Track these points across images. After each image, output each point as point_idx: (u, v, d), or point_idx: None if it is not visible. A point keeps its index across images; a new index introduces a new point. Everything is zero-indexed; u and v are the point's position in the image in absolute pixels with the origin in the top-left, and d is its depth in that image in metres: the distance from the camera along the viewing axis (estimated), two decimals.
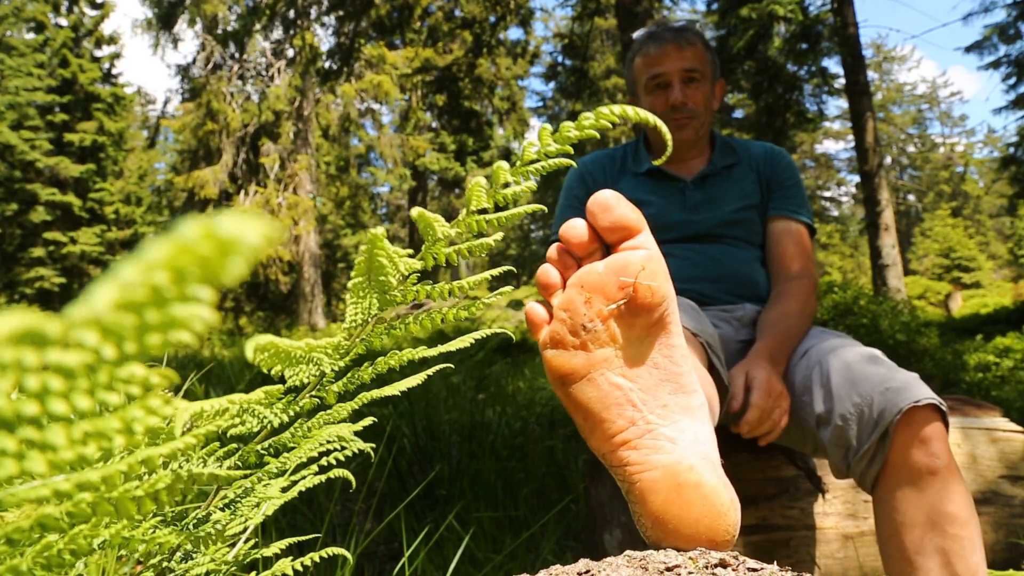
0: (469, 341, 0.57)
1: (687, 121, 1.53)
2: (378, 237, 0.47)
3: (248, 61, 17.15)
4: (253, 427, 0.53)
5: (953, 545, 0.94)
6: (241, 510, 0.55)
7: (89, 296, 0.18)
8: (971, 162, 37.51)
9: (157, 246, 0.17)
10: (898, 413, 0.97)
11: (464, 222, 0.51)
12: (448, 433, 2.37)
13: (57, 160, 19.71)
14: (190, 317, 0.18)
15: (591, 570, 0.55)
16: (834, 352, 1.14)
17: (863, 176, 8.63)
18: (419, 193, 20.63)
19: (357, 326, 0.54)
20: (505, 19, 8.80)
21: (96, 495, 0.28)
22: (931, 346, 4.85)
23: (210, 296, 0.18)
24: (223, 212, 0.18)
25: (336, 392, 0.56)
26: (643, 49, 1.56)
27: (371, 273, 0.50)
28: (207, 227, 0.17)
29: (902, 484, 0.98)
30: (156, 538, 0.45)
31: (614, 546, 1.33)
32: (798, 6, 9.41)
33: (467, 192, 0.51)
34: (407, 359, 0.55)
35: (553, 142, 0.50)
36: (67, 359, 0.19)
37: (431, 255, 0.52)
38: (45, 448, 0.22)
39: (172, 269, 0.17)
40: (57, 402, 0.20)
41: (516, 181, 0.51)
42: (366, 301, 0.52)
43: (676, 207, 1.52)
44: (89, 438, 0.23)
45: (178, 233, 0.17)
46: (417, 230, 9.03)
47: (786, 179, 1.55)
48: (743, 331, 1.40)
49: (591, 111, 0.49)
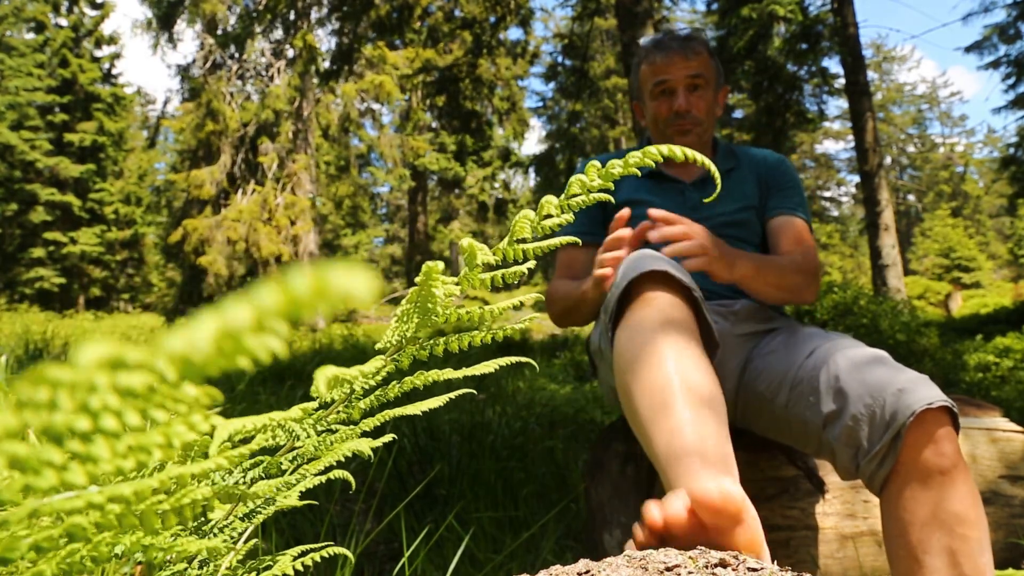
0: (494, 367, 0.58)
1: (690, 127, 1.57)
2: (434, 270, 0.48)
3: (248, 61, 17.15)
4: (282, 441, 0.54)
5: (961, 545, 0.94)
6: (257, 518, 0.56)
7: (189, 327, 0.18)
8: (971, 162, 37.53)
9: (270, 290, 0.17)
10: (911, 415, 0.97)
11: (504, 250, 0.53)
12: (448, 433, 2.37)
13: (57, 160, 19.71)
14: (260, 347, 0.18)
15: (591, 570, 0.55)
16: (841, 352, 1.13)
17: (863, 176, 8.63)
18: (419, 193, 20.63)
19: (392, 347, 0.55)
20: (505, 19, 8.80)
21: (124, 507, 0.29)
22: (931, 346, 4.85)
23: (286, 330, 0.18)
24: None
25: (362, 409, 0.57)
26: (649, 57, 1.61)
27: (419, 302, 0.51)
28: (320, 279, 0.17)
29: (912, 484, 0.98)
30: (175, 546, 0.45)
31: (614, 546, 1.34)
32: (798, 6, 9.41)
33: (514, 223, 0.54)
34: (432, 379, 0.56)
35: (598, 178, 0.53)
36: (133, 380, 0.19)
37: (467, 280, 0.54)
38: (87, 460, 0.22)
39: (278, 314, 0.17)
40: (110, 418, 0.21)
41: (558, 213, 0.54)
42: (407, 325, 0.54)
43: (675, 207, 1.53)
44: (131, 452, 0.23)
45: (290, 283, 0.17)
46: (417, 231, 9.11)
47: (785, 181, 1.59)
48: (740, 325, 1.41)
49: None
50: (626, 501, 1.36)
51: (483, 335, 0.56)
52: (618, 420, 1.49)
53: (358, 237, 32.67)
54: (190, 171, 16.47)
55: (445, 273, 0.50)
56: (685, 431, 0.87)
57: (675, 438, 0.87)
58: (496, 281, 0.54)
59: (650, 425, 0.91)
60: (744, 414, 1.33)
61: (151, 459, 0.24)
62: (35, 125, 19.81)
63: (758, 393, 1.27)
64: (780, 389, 1.22)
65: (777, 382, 1.23)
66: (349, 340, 7.92)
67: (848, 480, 1.10)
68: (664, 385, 0.93)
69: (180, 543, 0.44)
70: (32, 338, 5.60)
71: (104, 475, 0.22)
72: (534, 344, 8.42)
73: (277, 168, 16.53)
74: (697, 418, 0.88)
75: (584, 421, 3.10)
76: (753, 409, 1.29)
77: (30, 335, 5.98)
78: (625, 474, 1.38)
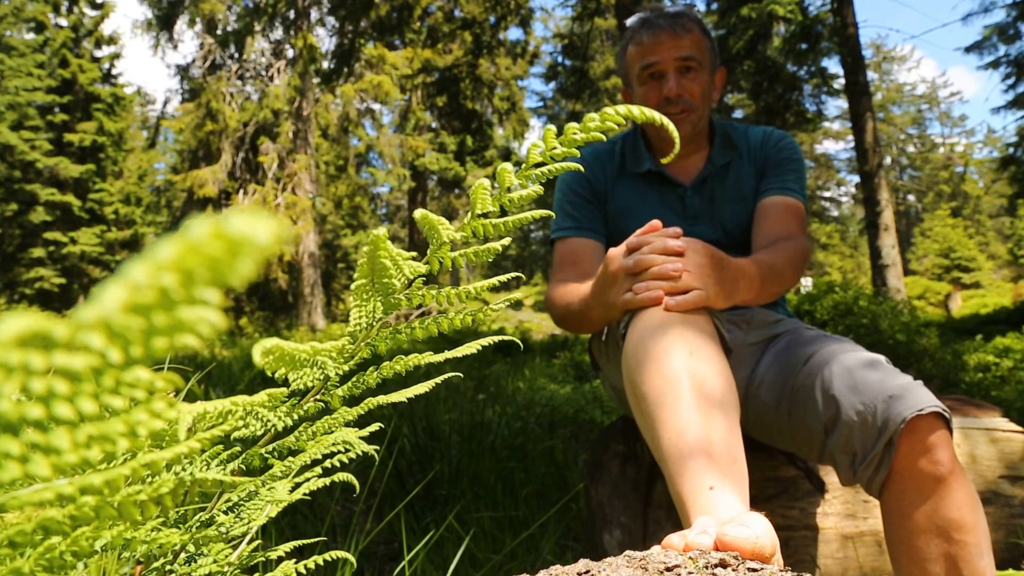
0: (476, 348, 0.56)
1: (683, 116, 1.44)
2: (380, 238, 0.46)
3: (248, 61, 17.14)
4: (257, 430, 0.53)
5: (960, 551, 0.94)
6: (245, 513, 0.55)
7: (96, 298, 0.17)
8: (971, 162, 37.52)
9: (166, 246, 0.17)
10: (902, 422, 0.97)
11: (468, 226, 0.51)
12: (448, 433, 2.37)
13: (57, 160, 19.70)
14: (197, 320, 0.18)
15: (591, 570, 0.55)
16: (835, 358, 1.12)
17: (863, 176, 8.63)
18: (419, 193, 20.62)
19: (361, 330, 0.53)
20: (505, 19, 8.80)
21: (99, 499, 0.28)
22: (931, 346, 4.85)
23: (218, 299, 0.18)
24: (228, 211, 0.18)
25: (341, 396, 0.55)
26: (636, 36, 1.47)
27: (374, 275, 0.49)
28: (216, 226, 0.16)
29: (908, 491, 0.98)
30: (157, 539, 0.45)
31: (614, 546, 1.34)
32: (798, 6, 9.41)
33: (471, 195, 0.50)
34: (412, 364, 0.55)
35: (558, 144, 0.49)
36: (73, 362, 0.19)
37: (436, 259, 0.51)
38: (49, 451, 0.22)
39: (181, 270, 0.17)
40: (62, 405, 0.20)
41: (522, 184, 0.50)
42: (370, 304, 0.52)
43: (674, 215, 1.48)
44: (93, 441, 0.23)
45: (187, 232, 0.17)
46: (417, 231, 9.11)
47: (781, 159, 1.48)
48: (753, 333, 1.37)
49: (593, 111, 0.48)
50: (626, 501, 1.36)
51: (456, 317, 0.54)
52: (618, 420, 1.49)
53: (358, 237, 32.64)
54: (190, 171, 16.47)
55: (413, 257, 0.48)
56: (692, 429, 0.85)
57: (681, 436, 0.85)
58: (469, 259, 0.52)
59: (656, 422, 0.90)
60: (753, 423, 1.30)
61: (117, 449, 0.23)
62: (35, 125, 19.80)
63: (762, 402, 1.25)
64: (781, 397, 1.20)
65: (778, 390, 1.22)
66: None
67: (848, 486, 1.10)
68: (674, 380, 0.91)
69: (162, 535, 0.44)
70: None
71: (71, 466, 0.22)
72: (534, 344, 8.42)
73: (277, 168, 16.53)
74: (705, 415, 0.87)
75: (584, 421, 3.10)
76: (760, 418, 1.27)
77: None
78: (625, 474, 1.38)
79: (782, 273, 1.30)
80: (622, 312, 1.11)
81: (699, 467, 0.81)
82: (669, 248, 1.08)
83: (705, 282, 1.07)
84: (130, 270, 0.17)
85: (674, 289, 1.05)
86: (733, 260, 1.17)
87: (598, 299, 1.17)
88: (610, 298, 1.13)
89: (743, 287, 1.17)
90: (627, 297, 1.08)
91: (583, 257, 1.43)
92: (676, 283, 1.05)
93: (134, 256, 0.17)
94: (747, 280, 1.19)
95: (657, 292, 1.05)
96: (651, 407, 0.92)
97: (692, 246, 1.09)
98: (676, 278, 1.05)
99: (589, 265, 1.41)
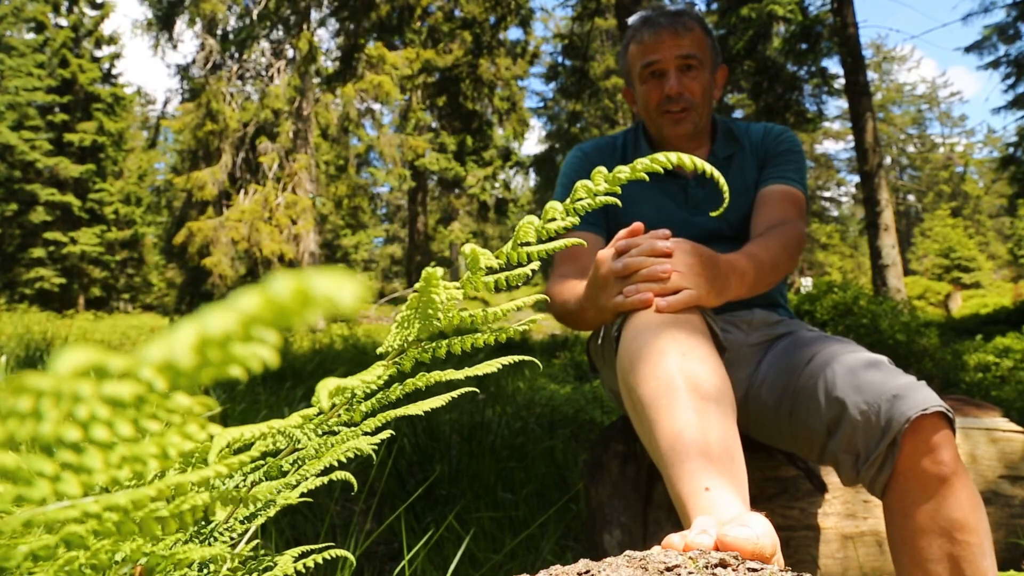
0: (496, 366, 0.57)
1: (684, 114, 1.45)
2: (434, 275, 0.48)
3: (248, 61, 17.14)
4: (282, 445, 0.54)
5: (963, 552, 0.94)
6: (258, 519, 0.56)
7: (169, 336, 0.18)
8: (971, 162, 37.53)
9: (248, 298, 0.17)
10: (906, 422, 0.97)
11: (508, 254, 0.53)
12: (448, 433, 2.37)
13: (57, 160, 19.71)
14: (251, 356, 0.18)
15: (591, 570, 0.55)
16: (837, 359, 1.11)
17: (863, 176, 8.63)
18: (419, 193, 20.62)
19: (396, 352, 0.55)
20: (505, 19, 8.80)
21: (121, 515, 0.28)
22: (931, 346, 4.85)
23: (275, 338, 0.18)
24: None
25: (363, 412, 0.56)
26: (637, 35, 1.47)
27: (419, 307, 0.51)
28: (301, 284, 0.17)
29: (911, 492, 0.98)
30: (176, 554, 0.45)
31: (614, 546, 1.34)
32: (798, 6, 9.41)
33: (518, 227, 0.53)
34: (435, 380, 0.56)
35: (604, 182, 0.52)
36: (120, 391, 0.19)
37: (470, 284, 0.53)
38: (80, 471, 0.22)
39: (256, 320, 0.17)
40: (100, 428, 0.20)
41: (562, 216, 0.53)
42: (409, 330, 0.53)
43: (677, 205, 1.48)
44: (125, 462, 0.23)
45: (270, 287, 0.17)
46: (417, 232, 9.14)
47: (781, 151, 1.48)
48: (754, 334, 1.36)
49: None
50: (626, 501, 1.36)
51: (485, 337, 0.56)
52: (618, 420, 1.48)
53: (358, 237, 32.65)
54: (191, 172, 16.47)
55: (444, 276, 0.50)
56: (689, 430, 0.85)
57: (678, 438, 0.85)
58: (500, 284, 0.54)
59: (652, 424, 0.89)
60: (754, 424, 1.30)
61: (147, 469, 0.23)
62: (35, 125, 19.81)
63: (763, 402, 1.25)
64: (783, 398, 1.20)
65: (779, 391, 1.22)
66: (349, 340, 7.92)
67: (850, 486, 1.10)
68: (668, 382, 0.91)
69: (181, 551, 0.44)
70: (32, 339, 5.60)
71: (100, 485, 0.22)
72: (534, 344, 8.42)
73: (277, 168, 16.53)
74: (702, 415, 0.86)
75: (584, 421, 3.10)
76: (760, 418, 1.27)
77: (30, 336, 5.98)
78: (625, 474, 1.38)
79: (776, 261, 1.28)
80: (614, 315, 1.11)
81: (697, 468, 0.81)
82: (657, 249, 1.08)
83: (695, 281, 1.06)
84: (209, 315, 0.17)
85: (664, 290, 1.05)
86: (723, 257, 1.16)
87: (590, 302, 1.17)
88: (601, 302, 1.13)
89: (735, 283, 1.17)
90: (618, 300, 1.08)
91: (583, 251, 1.43)
92: (666, 284, 1.05)
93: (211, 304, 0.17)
94: (739, 275, 1.18)
95: (647, 294, 1.05)
96: (647, 410, 0.92)
97: (680, 246, 1.09)
98: (665, 279, 1.05)
99: (589, 260, 1.40)
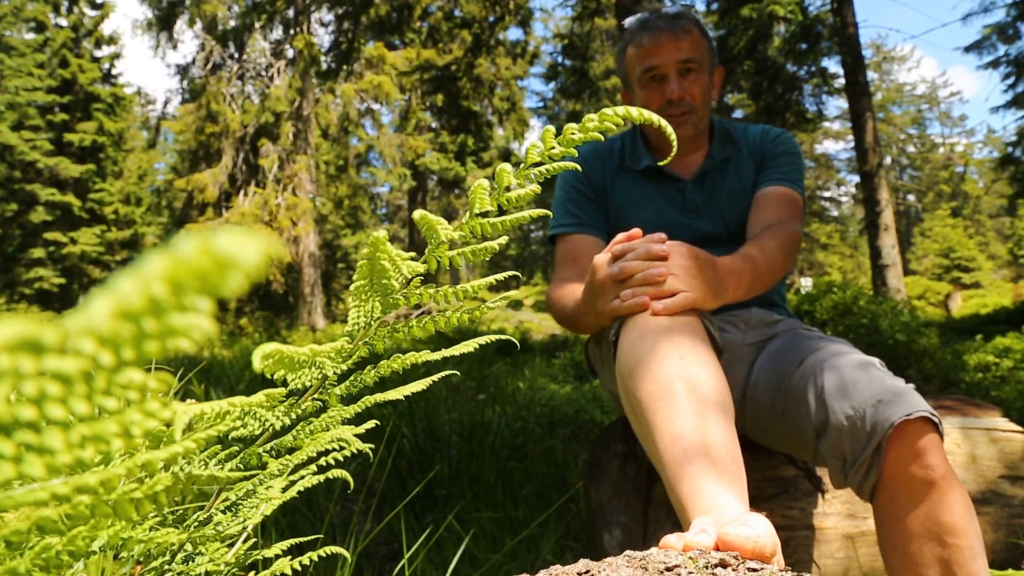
0: (474, 346, 0.56)
1: (685, 118, 1.46)
2: (380, 240, 0.46)
3: (248, 61, 17.15)
4: (255, 430, 0.53)
5: (953, 555, 0.94)
6: (241, 512, 0.55)
7: (86, 306, 0.18)
8: (971, 162, 37.52)
9: (154, 259, 0.17)
10: (890, 427, 0.96)
11: (466, 225, 0.51)
12: (448, 433, 2.37)
13: (57, 160, 19.70)
14: (189, 326, 0.18)
15: (591, 570, 0.54)
16: (828, 361, 1.11)
17: (863, 176, 8.63)
18: (419, 193, 20.62)
19: (359, 329, 0.53)
20: (505, 19, 8.80)
21: (94, 498, 0.28)
22: (931, 346, 4.85)
23: (209, 306, 0.18)
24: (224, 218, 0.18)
25: (338, 395, 0.55)
26: (636, 39, 1.47)
27: (373, 276, 0.49)
28: (204, 243, 0.17)
29: (899, 496, 0.98)
30: (154, 538, 0.45)
31: (614, 546, 1.34)
32: (798, 6, 9.41)
33: (470, 194, 0.51)
34: (410, 362, 0.55)
35: (557, 144, 0.49)
36: (64, 366, 0.19)
37: (434, 258, 0.51)
38: (43, 452, 0.22)
39: (170, 282, 0.17)
40: (54, 407, 0.20)
41: (520, 184, 0.50)
42: (368, 304, 0.52)
43: (675, 209, 1.48)
44: (87, 442, 0.23)
45: (175, 248, 0.17)
46: (417, 231, 9.09)
47: (778, 152, 1.48)
48: (751, 334, 1.36)
49: (593, 112, 0.48)
50: (626, 501, 1.36)
51: (450, 316, 0.54)
52: (618, 420, 1.48)
53: (358, 237, 32.65)
54: (192, 174, 16.47)
55: (413, 257, 0.49)
56: (688, 433, 0.85)
57: (677, 441, 0.85)
58: (467, 258, 0.52)
59: (651, 428, 0.89)
60: (751, 424, 1.30)
61: (111, 448, 0.24)
62: (35, 125, 19.80)
63: (758, 402, 1.25)
64: (775, 398, 1.20)
65: (772, 391, 1.22)
66: None
67: (840, 489, 1.10)
68: (666, 385, 0.90)
69: (159, 535, 0.44)
70: None
71: (66, 466, 0.22)
72: (534, 344, 8.42)
73: (277, 169, 16.53)
74: (700, 418, 0.86)
75: (584, 421, 3.10)
76: (756, 418, 1.27)
77: None
78: (625, 474, 1.38)
79: (773, 262, 1.29)
80: (612, 319, 1.12)
81: (697, 470, 0.81)
82: (653, 252, 1.08)
83: (691, 284, 1.07)
84: (119, 281, 0.18)
85: (660, 293, 1.05)
86: (719, 259, 1.17)
87: (588, 307, 1.18)
88: (599, 306, 1.13)
89: (731, 285, 1.17)
90: (615, 304, 1.08)
91: (584, 254, 1.44)
92: (662, 287, 1.05)
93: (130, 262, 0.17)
94: (735, 277, 1.18)
95: (643, 298, 1.05)
96: (645, 413, 0.91)
97: (676, 249, 1.09)
98: (661, 282, 1.05)
99: (589, 263, 1.40)
